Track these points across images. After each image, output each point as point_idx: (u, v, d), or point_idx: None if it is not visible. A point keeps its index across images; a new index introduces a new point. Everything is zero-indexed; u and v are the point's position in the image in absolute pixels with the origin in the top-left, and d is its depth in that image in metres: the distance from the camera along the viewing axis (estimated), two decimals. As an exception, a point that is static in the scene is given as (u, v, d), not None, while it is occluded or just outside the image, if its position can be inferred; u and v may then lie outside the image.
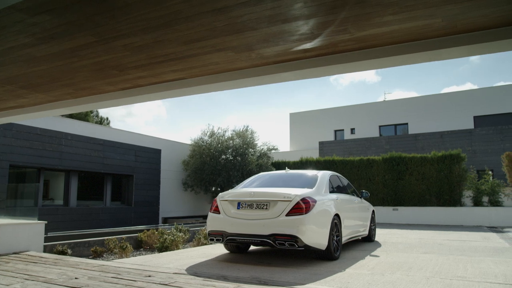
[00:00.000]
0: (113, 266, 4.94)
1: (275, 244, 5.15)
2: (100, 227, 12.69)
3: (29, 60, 4.42)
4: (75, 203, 12.87)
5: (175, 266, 5.17)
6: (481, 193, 15.13)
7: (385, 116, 29.59)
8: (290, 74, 4.59)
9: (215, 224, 5.76)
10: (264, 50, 4.09)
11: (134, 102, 5.84)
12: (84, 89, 5.59)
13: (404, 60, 3.94)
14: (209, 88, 5.20)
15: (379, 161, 17.50)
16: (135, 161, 15.13)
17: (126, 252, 6.25)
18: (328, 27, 3.54)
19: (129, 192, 15.06)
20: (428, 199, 16.06)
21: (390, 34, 3.70)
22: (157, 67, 4.64)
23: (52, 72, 4.82)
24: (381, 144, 26.16)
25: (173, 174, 18.63)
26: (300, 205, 5.27)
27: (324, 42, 3.88)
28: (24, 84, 5.39)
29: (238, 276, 4.42)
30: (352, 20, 3.41)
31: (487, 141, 21.19)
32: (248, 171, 18.09)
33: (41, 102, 6.31)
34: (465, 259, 5.98)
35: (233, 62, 4.47)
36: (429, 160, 16.24)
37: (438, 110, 27.00)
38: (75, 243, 7.12)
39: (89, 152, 13.18)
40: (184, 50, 4.10)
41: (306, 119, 32.81)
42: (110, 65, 4.55)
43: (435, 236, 9.86)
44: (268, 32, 3.66)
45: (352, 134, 30.89)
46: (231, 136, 19.09)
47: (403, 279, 4.43)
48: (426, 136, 23.86)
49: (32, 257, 5.69)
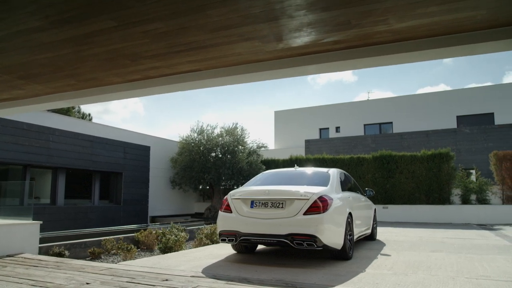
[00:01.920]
0: (122, 269, 4.63)
1: (293, 244, 4.95)
2: (88, 226, 12.18)
3: (35, 47, 4.07)
4: (62, 201, 12.31)
5: (188, 268, 4.91)
6: (470, 192, 15.39)
7: (369, 115, 29.86)
8: (314, 67, 4.39)
9: (227, 224, 5.50)
10: (294, 40, 3.88)
11: (141, 95, 5.52)
12: (88, 80, 5.23)
13: (439, 53, 3.81)
14: (224, 81, 4.95)
15: (369, 160, 17.59)
16: (124, 158, 14.62)
17: (130, 254, 5.92)
18: (369, 16, 3.35)
19: (117, 190, 14.55)
20: (417, 197, 16.23)
21: (428, 26, 3.55)
22: (174, 57, 4.35)
23: (57, 61, 4.47)
24: (367, 142, 26.37)
25: (160, 171, 18.17)
26: (318, 204, 5.10)
27: (359, 33, 3.70)
28: (22, 74, 5.00)
29: (260, 279, 4.20)
30: (395, 10, 3.24)
31: (471, 140, 21.63)
32: (238, 169, 17.83)
33: (38, 94, 5.90)
34: (476, 257, 5.95)
35: (257, 53, 4.24)
36: (419, 158, 16.42)
37: (421, 109, 27.42)
38: (71, 244, 6.73)
39: (78, 149, 12.63)
40: (209, 38, 3.84)
41: (291, 117, 32.78)
42: (124, 53, 4.24)
43: (433, 234, 9.90)
44: (305, 21, 3.45)
45: (337, 133, 31.05)
46: (220, 133, 18.77)
47: (429, 279, 4.32)
48: (412, 135, 24.17)
49: (30, 260, 5.30)
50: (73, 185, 13.19)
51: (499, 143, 20.39)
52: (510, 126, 21.14)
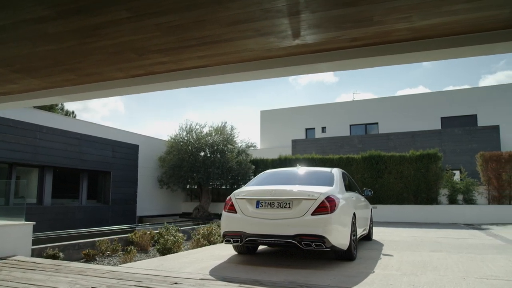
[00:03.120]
0: (126, 272, 4.44)
1: (301, 245, 4.86)
2: (76, 227, 11.79)
3: (38, 38, 3.85)
4: (49, 201, 11.88)
5: (194, 270, 4.75)
6: (457, 192, 15.65)
7: (355, 116, 30.11)
8: (326, 65, 4.30)
9: (232, 224, 5.36)
10: (311, 36, 3.78)
11: (144, 91, 5.33)
12: (89, 75, 5.01)
13: (457, 53, 3.77)
14: (232, 78, 4.81)
15: (358, 160, 17.71)
16: (113, 156, 14.24)
17: (130, 256, 5.71)
18: (393, 13, 3.28)
19: (106, 190, 14.16)
20: (406, 197, 16.41)
21: (449, 25, 3.51)
22: (183, 52, 4.19)
23: (59, 53, 4.25)
24: (354, 143, 26.60)
25: (148, 171, 17.82)
26: (325, 204, 5.02)
27: (379, 30, 3.63)
28: (19, 67, 4.75)
29: (273, 281, 4.09)
30: (421, 7, 3.18)
31: (456, 141, 22.06)
32: (228, 168, 17.65)
33: (33, 88, 5.63)
34: (477, 257, 5.99)
35: (270, 49, 4.12)
36: (407, 159, 16.61)
37: (406, 110, 27.83)
38: (64, 246, 6.45)
39: (66, 147, 12.20)
40: (224, 33, 3.70)
41: (277, 117, 32.78)
42: (132, 47, 4.06)
43: (426, 234, 9.99)
44: (327, 16, 3.35)
45: (323, 133, 31.22)
46: (209, 132, 18.56)
47: (440, 280, 4.30)
48: (398, 136, 24.51)
49: (25, 263, 5.04)
50: (60, 184, 12.76)
51: (483, 144, 20.85)
52: (493, 127, 21.66)
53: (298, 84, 63.50)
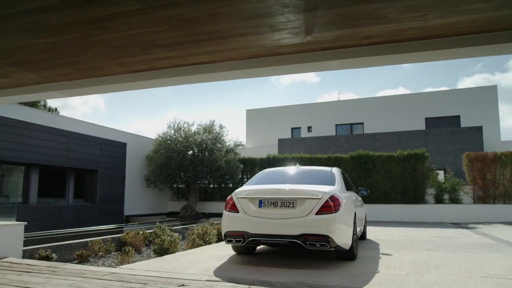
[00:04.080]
0: (127, 274, 4.29)
1: (305, 245, 4.80)
2: (63, 227, 11.44)
3: (39, 29, 3.67)
4: (35, 200, 11.49)
5: (198, 271, 4.63)
6: (443, 191, 15.91)
7: (341, 115, 30.25)
8: (337, 63, 4.25)
9: (234, 224, 5.25)
10: (324, 33, 3.72)
11: (145, 87, 5.17)
12: (88, 69, 4.84)
13: (468, 52, 3.78)
14: (238, 74, 4.71)
15: (346, 159, 17.80)
16: (100, 155, 13.89)
17: (128, 256, 5.53)
18: (410, 11, 3.25)
19: (93, 189, 13.80)
20: (393, 196, 16.59)
21: (463, 24, 3.50)
22: (191, 47, 4.08)
23: (60, 46, 4.07)
24: (340, 142, 26.73)
25: (135, 169, 17.50)
26: (329, 203, 4.98)
27: (393, 28, 3.59)
28: (15, 60, 4.54)
29: (281, 281, 4.02)
30: (440, 5, 3.15)
31: (440, 141, 22.44)
32: (217, 167, 17.49)
33: (26, 83, 5.41)
34: (474, 256, 6.06)
35: (281, 46, 4.04)
36: (395, 158, 16.79)
37: (391, 111, 28.12)
38: (57, 247, 6.22)
39: (52, 144, 11.81)
40: (236, 27, 3.60)
41: (262, 116, 32.64)
42: (138, 41, 3.92)
43: (417, 233, 10.10)
44: (343, 13, 3.29)
45: (309, 132, 31.26)
46: (197, 130, 18.36)
47: (446, 279, 4.31)
48: (384, 136, 24.75)
49: (18, 265, 4.82)
50: (47, 183, 12.36)
51: (467, 145, 21.27)
52: (476, 128, 22.12)
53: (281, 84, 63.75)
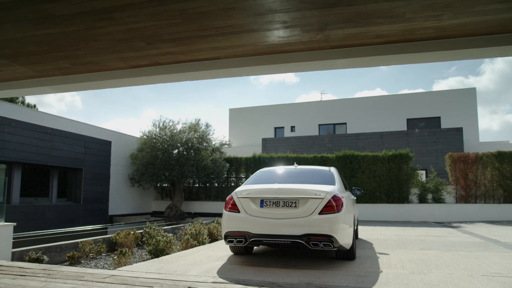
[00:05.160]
0: (129, 277, 4.14)
1: (309, 245, 4.74)
2: (47, 227, 11.04)
3: (40, 20, 3.48)
4: (18, 200, 11.02)
5: (200, 273, 4.50)
6: (426, 191, 16.21)
7: (324, 115, 30.45)
8: (344, 61, 4.21)
9: (235, 224, 5.14)
10: (336, 31, 3.67)
11: (145, 82, 5.00)
12: (85, 64, 4.64)
13: (480, 53, 3.79)
14: (243, 72, 4.61)
15: (332, 159, 17.91)
16: (85, 153, 13.47)
17: (125, 258, 5.34)
18: (426, 10, 3.23)
19: (77, 188, 13.37)
20: (378, 196, 16.80)
21: (476, 25, 3.52)
22: (198, 42, 3.96)
23: (60, 38, 3.88)
24: (324, 142, 26.92)
25: (119, 168, 17.10)
26: (332, 203, 4.94)
27: (406, 27, 3.58)
28: (9, 52, 4.31)
29: (289, 282, 3.95)
30: (456, 5, 3.14)
31: (422, 142, 22.89)
32: (203, 166, 17.28)
33: (17, 77, 5.16)
34: (469, 255, 6.15)
35: (289, 43, 3.97)
36: (380, 159, 17.00)
37: (374, 111, 28.50)
38: (46, 248, 5.96)
39: (36, 142, 11.35)
40: (249, 23, 3.51)
41: (245, 115, 32.54)
42: (144, 35, 3.78)
43: (405, 232, 10.22)
44: (359, 11, 3.25)
45: (292, 132, 31.35)
46: (182, 128, 18.09)
47: (450, 278, 4.34)
48: (367, 136, 25.07)
49: (10, 268, 4.58)
50: (29, 181, 11.89)
51: (447, 145, 21.79)
52: (456, 129, 22.67)
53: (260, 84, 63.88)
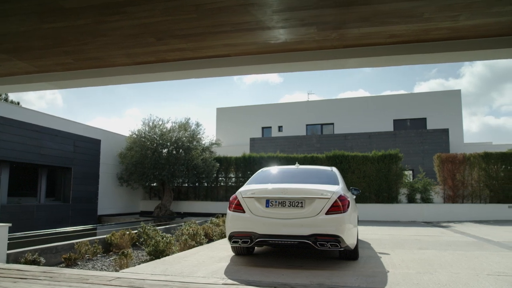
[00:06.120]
0: (135, 279, 4.02)
1: (316, 245, 4.71)
2: (35, 227, 10.70)
3: (48, 13, 3.35)
4: (5, 200, 10.65)
5: (206, 274, 4.41)
6: (415, 191, 16.43)
7: (311, 116, 30.54)
8: (356, 61, 4.19)
9: (241, 225, 5.07)
10: (351, 30, 3.64)
11: (150, 80, 4.88)
12: (89, 59, 4.50)
13: (492, 54, 3.83)
14: (252, 70, 4.56)
15: (322, 159, 17.99)
16: (74, 152, 13.13)
17: (127, 260, 5.19)
18: (445, 11, 3.23)
19: (66, 187, 13.02)
20: (368, 196, 16.94)
21: (491, 26, 3.53)
22: (210, 39, 3.88)
23: (66, 32, 3.75)
24: (312, 142, 27.03)
25: (107, 167, 16.77)
26: (338, 203, 4.92)
27: (421, 28, 3.57)
28: (9, 47, 4.14)
29: (302, 283, 3.91)
30: (474, 6, 3.15)
31: (409, 142, 23.21)
32: (193, 165, 17.11)
33: (15, 72, 4.97)
34: (467, 254, 6.24)
35: (302, 41, 3.93)
36: (370, 159, 17.14)
37: (361, 112, 28.76)
38: (41, 250, 5.76)
39: (24, 140, 11.00)
40: (265, 20, 3.45)
41: (233, 115, 32.42)
42: (154, 30, 3.67)
43: (399, 232, 10.32)
44: (377, 10, 3.23)
45: (280, 132, 31.38)
46: (172, 128, 17.88)
47: (457, 277, 4.38)
48: (355, 136, 25.28)
49: (8, 271, 4.40)
50: (17, 181, 11.52)
51: (433, 146, 22.16)
52: (442, 130, 23.07)
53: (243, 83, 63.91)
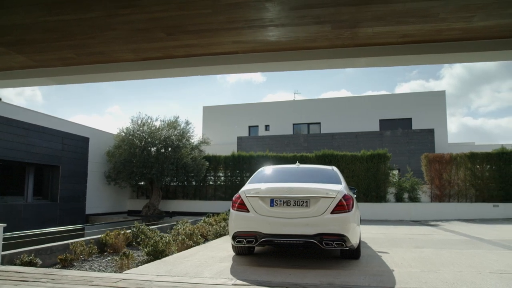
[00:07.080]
0: (142, 280, 3.92)
1: (321, 244, 4.69)
2: (22, 227, 10.37)
3: (57, 5, 3.23)
4: (-9, 198, 10.31)
5: (212, 275, 4.33)
6: (403, 190, 16.67)
7: (298, 115, 30.62)
8: (367, 60, 4.18)
9: (245, 224, 5.01)
10: (365, 29, 3.63)
11: (154, 76, 4.76)
12: (93, 54, 4.37)
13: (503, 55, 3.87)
14: (260, 67, 4.50)
15: (312, 158, 18.06)
16: (62, 149, 12.79)
17: (128, 261, 5.04)
18: (460, 11, 3.25)
19: (53, 186, 12.67)
20: (357, 195, 17.09)
21: (502, 27, 3.57)
22: (221, 35, 3.81)
23: (73, 25, 3.62)
24: (299, 141, 27.11)
25: (94, 166, 16.42)
26: (343, 202, 4.92)
27: (434, 28, 3.59)
28: (10, 39, 3.98)
29: (311, 283, 3.88)
30: (489, 7, 3.17)
31: (395, 142, 23.53)
32: (182, 164, 16.93)
33: (12, 67, 4.79)
34: (464, 252, 6.33)
35: (315, 39, 3.90)
36: (359, 158, 17.29)
37: (348, 111, 29.01)
38: (36, 250, 5.57)
39: (11, 137, 10.64)
40: (280, 17, 3.40)
41: (219, 113, 32.27)
42: (166, 25, 3.58)
43: (391, 231, 10.45)
44: (394, 9, 3.22)
45: (267, 131, 31.38)
46: (161, 126, 17.65)
47: (460, 275, 4.43)
48: (342, 136, 25.48)
49: (7, 273, 4.23)
50: (3, 179, 11.13)
51: (419, 146, 22.53)
52: (428, 131, 23.48)
53: (226, 82, 63.80)
